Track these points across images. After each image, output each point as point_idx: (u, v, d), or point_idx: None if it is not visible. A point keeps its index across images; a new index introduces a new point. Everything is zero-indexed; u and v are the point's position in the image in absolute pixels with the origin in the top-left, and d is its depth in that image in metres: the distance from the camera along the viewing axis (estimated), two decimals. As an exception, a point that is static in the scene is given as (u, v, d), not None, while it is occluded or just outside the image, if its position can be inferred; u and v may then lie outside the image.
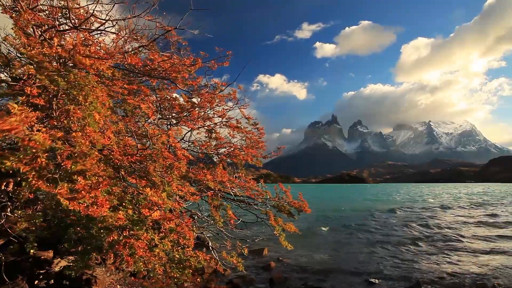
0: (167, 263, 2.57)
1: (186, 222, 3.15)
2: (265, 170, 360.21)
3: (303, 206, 5.85)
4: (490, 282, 6.74)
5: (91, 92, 1.97)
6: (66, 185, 1.18)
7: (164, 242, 2.48)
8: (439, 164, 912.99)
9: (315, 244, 11.10)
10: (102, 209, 1.15)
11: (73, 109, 1.88)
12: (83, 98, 1.92)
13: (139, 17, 3.77)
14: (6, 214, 3.30)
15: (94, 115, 1.94)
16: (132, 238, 2.10)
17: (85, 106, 1.94)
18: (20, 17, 2.29)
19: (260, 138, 6.12)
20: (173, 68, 4.10)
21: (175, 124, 5.59)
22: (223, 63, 4.75)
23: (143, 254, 2.17)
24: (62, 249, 4.51)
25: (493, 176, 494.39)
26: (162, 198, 2.46)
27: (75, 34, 3.47)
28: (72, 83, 1.89)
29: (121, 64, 3.96)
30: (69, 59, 2.11)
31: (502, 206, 26.30)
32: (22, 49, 2.05)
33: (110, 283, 5.02)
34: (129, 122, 4.02)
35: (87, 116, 1.90)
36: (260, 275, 7.36)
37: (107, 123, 2.52)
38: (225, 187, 5.61)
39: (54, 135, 1.39)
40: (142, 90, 4.57)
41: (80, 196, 1.15)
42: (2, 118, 1.20)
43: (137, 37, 4.35)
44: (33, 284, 4.17)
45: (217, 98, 5.38)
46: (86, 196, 1.16)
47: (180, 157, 3.97)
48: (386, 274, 7.49)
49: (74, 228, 3.18)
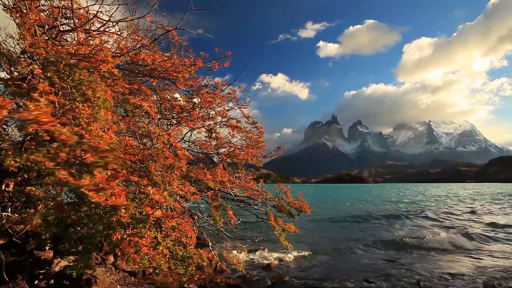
0: (171, 260, 2.59)
1: (187, 221, 3.16)
2: (265, 170, 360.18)
3: (303, 207, 5.86)
4: (490, 282, 6.75)
5: (98, 87, 2.00)
6: (89, 177, 1.21)
7: (166, 240, 2.50)
8: (439, 164, 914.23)
9: (315, 244, 11.10)
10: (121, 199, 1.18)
11: (82, 106, 1.90)
12: (92, 93, 1.94)
13: (140, 18, 3.78)
14: (7, 214, 3.31)
15: (101, 111, 1.97)
16: (135, 236, 2.11)
17: (94, 102, 1.97)
18: (26, 16, 2.30)
19: (260, 137, 6.13)
20: (174, 68, 4.12)
21: (175, 124, 5.60)
22: (223, 64, 4.76)
23: (148, 251, 2.19)
24: (62, 249, 4.51)
25: (493, 176, 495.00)
26: (164, 197, 2.48)
27: (76, 34, 3.48)
28: (78, 81, 1.91)
29: (121, 64, 3.98)
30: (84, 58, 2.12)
31: (502, 206, 26.33)
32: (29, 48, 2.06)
33: (110, 283, 5.01)
34: (130, 122, 4.03)
35: (96, 112, 1.93)
36: (260, 275, 7.36)
37: (109, 122, 2.54)
38: (225, 187, 5.62)
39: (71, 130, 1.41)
40: (143, 90, 4.58)
41: (102, 187, 1.18)
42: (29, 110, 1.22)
43: (138, 37, 4.36)
44: (33, 284, 4.17)
45: (218, 98, 5.39)
46: (106, 187, 1.19)
47: (181, 156, 3.98)
48: (386, 274, 7.50)
49: (74, 228, 3.19)
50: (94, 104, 2.00)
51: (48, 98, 1.59)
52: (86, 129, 1.77)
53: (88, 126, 1.84)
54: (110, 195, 1.20)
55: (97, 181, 1.20)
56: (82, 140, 1.35)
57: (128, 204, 1.49)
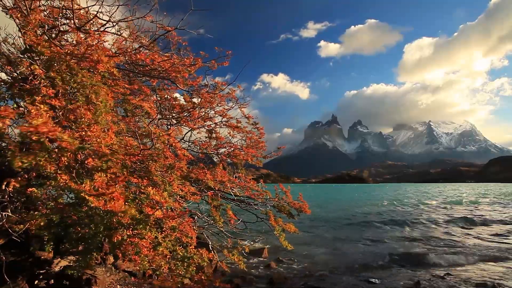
0: (171, 261, 2.59)
1: (187, 221, 3.17)
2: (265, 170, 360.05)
3: (303, 207, 5.86)
4: (490, 282, 6.75)
5: (101, 91, 2.00)
6: (89, 182, 1.22)
7: (167, 241, 2.50)
8: (439, 164, 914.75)
9: (315, 244, 11.11)
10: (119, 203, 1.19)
11: (84, 109, 1.90)
12: (95, 96, 1.94)
13: (140, 18, 3.78)
14: (7, 214, 3.31)
15: (102, 114, 1.97)
16: (136, 237, 2.11)
17: (96, 105, 1.97)
18: (28, 16, 2.30)
19: (260, 138, 6.13)
20: (173, 68, 4.12)
21: (175, 124, 5.60)
22: (223, 63, 4.77)
23: (148, 253, 2.19)
24: (62, 249, 4.51)
25: (493, 176, 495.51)
26: (164, 197, 2.48)
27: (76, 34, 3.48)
28: (81, 83, 1.91)
29: (121, 64, 3.98)
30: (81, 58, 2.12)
31: (502, 206, 26.34)
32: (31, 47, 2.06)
33: (110, 283, 5.01)
34: (130, 122, 4.03)
35: (98, 115, 1.93)
36: (260, 275, 7.37)
37: (109, 123, 2.53)
38: (225, 187, 5.62)
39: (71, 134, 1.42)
40: (143, 90, 4.58)
41: (101, 192, 1.18)
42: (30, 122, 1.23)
43: (138, 37, 4.36)
44: (33, 284, 4.17)
45: (218, 98, 5.39)
46: (106, 192, 1.20)
47: (181, 157, 3.98)
48: (386, 273, 7.51)
49: (74, 228, 3.19)
50: (96, 107, 2.01)
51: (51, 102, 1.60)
52: (87, 132, 1.77)
53: (89, 128, 1.84)
54: (109, 200, 1.21)
55: (97, 186, 1.20)
56: (84, 145, 1.36)
57: (126, 208, 1.49)
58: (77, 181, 1.22)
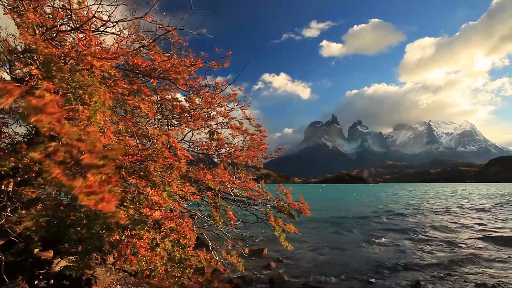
0: (168, 262, 2.58)
1: (187, 222, 3.16)
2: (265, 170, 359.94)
3: (303, 208, 5.84)
4: (490, 282, 6.74)
5: (96, 92, 1.99)
6: (82, 180, 1.20)
7: (165, 242, 2.49)
8: (439, 164, 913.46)
9: (315, 244, 11.10)
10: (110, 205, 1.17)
11: (82, 108, 1.89)
12: (89, 97, 1.93)
13: (140, 18, 3.77)
14: (6, 214, 3.31)
15: (96, 115, 1.95)
16: (134, 238, 2.11)
17: (90, 106, 1.95)
18: (25, 16, 2.29)
19: (262, 140, 6.12)
20: (174, 68, 4.10)
21: (176, 125, 5.59)
22: (224, 64, 4.75)
23: (145, 253, 2.18)
24: (62, 249, 4.51)
25: (493, 176, 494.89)
26: (163, 198, 2.47)
27: (76, 34, 3.47)
28: (78, 83, 1.90)
29: (121, 64, 3.96)
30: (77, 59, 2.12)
31: (503, 208, 26.29)
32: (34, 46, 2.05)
33: (110, 283, 5.01)
34: (129, 122, 4.02)
35: (92, 115, 1.92)
36: (260, 275, 7.36)
37: (107, 123, 2.53)
38: (225, 187, 5.61)
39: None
40: (143, 91, 4.57)
41: (92, 190, 1.17)
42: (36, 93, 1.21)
43: (138, 37, 4.35)
44: (33, 284, 4.17)
45: (218, 98, 5.38)
46: (98, 192, 1.18)
47: (181, 157, 3.97)
48: (386, 273, 7.50)
49: (74, 228, 3.19)
50: (91, 108, 1.99)
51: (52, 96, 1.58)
52: (84, 131, 1.76)
53: (86, 128, 1.84)
54: (100, 200, 1.19)
55: (89, 184, 1.19)
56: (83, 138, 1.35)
57: (116, 210, 1.48)
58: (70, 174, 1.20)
